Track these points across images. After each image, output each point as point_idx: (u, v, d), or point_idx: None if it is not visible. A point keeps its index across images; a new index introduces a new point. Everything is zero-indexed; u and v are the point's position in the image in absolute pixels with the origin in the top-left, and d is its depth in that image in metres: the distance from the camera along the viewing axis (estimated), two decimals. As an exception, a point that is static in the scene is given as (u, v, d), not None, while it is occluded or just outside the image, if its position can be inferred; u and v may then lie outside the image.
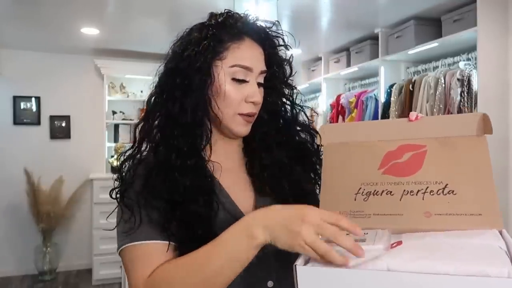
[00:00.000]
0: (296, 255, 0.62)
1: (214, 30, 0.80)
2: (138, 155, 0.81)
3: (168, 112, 0.78)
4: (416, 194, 0.68)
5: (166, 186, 0.74)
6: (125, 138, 4.35)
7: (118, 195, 0.80)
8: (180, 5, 2.72)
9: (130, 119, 4.35)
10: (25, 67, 4.05)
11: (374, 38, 3.33)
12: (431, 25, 2.88)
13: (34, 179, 3.96)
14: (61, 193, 4.04)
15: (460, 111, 2.44)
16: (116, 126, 4.34)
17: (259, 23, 0.86)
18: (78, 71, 4.22)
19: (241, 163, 0.89)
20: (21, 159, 4.01)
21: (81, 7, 2.78)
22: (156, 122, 0.80)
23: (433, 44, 2.72)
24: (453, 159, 0.69)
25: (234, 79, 0.79)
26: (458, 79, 2.47)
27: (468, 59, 2.54)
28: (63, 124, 4.19)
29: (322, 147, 0.82)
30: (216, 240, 0.66)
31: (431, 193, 0.67)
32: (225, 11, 0.86)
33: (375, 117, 3.30)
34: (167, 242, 0.72)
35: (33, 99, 4.09)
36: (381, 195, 0.71)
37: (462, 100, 2.44)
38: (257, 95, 0.80)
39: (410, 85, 2.87)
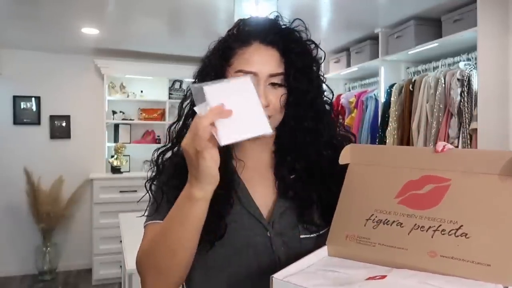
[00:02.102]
0: (302, 249, 0.76)
1: (226, 38, 0.86)
2: (170, 152, 0.89)
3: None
4: (426, 231, 0.64)
5: (185, 180, 0.80)
6: (125, 138, 4.35)
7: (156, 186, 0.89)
8: (180, 5, 2.72)
9: (130, 119, 4.35)
10: (25, 67, 4.05)
11: (374, 38, 3.33)
12: (431, 25, 2.88)
13: (34, 179, 3.97)
14: (61, 193, 4.05)
15: (460, 111, 2.44)
16: (116, 126, 4.34)
17: (280, 23, 0.87)
18: (78, 71, 4.22)
19: (269, 165, 0.90)
20: (21, 159, 4.01)
21: (81, 7, 2.78)
22: (187, 123, 0.87)
23: (433, 44, 2.72)
24: (476, 199, 0.63)
25: None
26: (458, 79, 2.47)
27: (468, 59, 2.54)
28: (63, 124, 4.19)
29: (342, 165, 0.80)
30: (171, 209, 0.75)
31: (442, 232, 0.63)
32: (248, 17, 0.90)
33: (375, 117, 3.30)
34: None
35: (33, 99, 4.09)
36: (391, 225, 0.68)
37: (462, 100, 2.44)
38: (260, 97, 0.81)
39: (410, 85, 2.87)
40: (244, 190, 0.85)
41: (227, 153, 0.84)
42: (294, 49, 0.84)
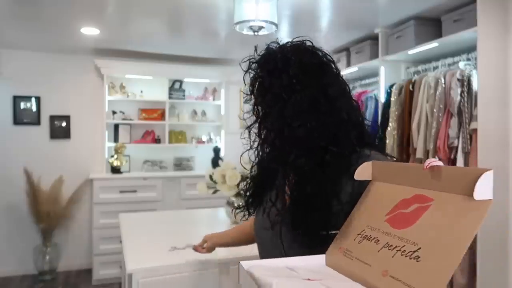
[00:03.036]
0: (301, 241, 0.89)
1: None
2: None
3: None
4: (392, 250, 0.66)
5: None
6: (125, 138, 4.35)
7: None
8: (180, 5, 2.73)
9: (130, 119, 4.35)
10: (25, 67, 4.05)
11: (374, 38, 3.33)
12: (431, 25, 2.88)
13: (34, 179, 3.96)
14: (61, 193, 4.04)
15: (460, 111, 2.45)
16: (116, 126, 4.34)
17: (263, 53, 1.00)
18: (78, 71, 4.22)
19: None
20: (21, 159, 4.01)
21: (81, 7, 2.78)
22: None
23: (433, 44, 2.72)
24: (444, 221, 0.63)
25: None
26: (458, 79, 2.47)
27: (468, 59, 2.54)
28: (63, 124, 4.19)
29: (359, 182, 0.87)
30: None
31: (402, 253, 0.64)
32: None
33: (375, 117, 3.30)
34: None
35: (33, 99, 4.09)
36: (370, 241, 0.71)
37: (462, 100, 2.44)
38: None
39: (410, 85, 2.87)
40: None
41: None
42: (255, 78, 1.00)
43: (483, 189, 0.60)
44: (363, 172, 0.83)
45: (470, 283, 2.40)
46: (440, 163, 0.69)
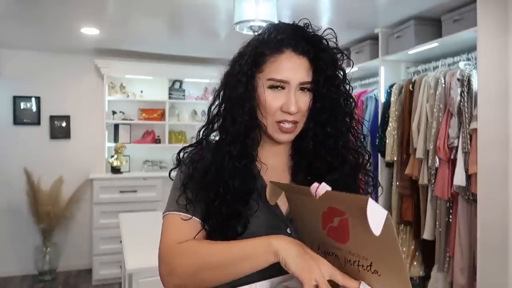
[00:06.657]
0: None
1: (256, 43, 0.87)
2: (200, 152, 0.90)
3: (222, 121, 0.89)
4: (354, 265, 0.68)
5: (218, 184, 0.84)
6: (125, 138, 4.35)
7: (183, 182, 0.88)
8: (180, 5, 2.73)
9: (130, 119, 4.35)
10: (25, 67, 4.05)
11: (374, 38, 3.33)
12: (431, 25, 2.88)
13: (34, 179, 3.97)
14: (61, 193, 4.05)
15: (460, 111, 2.44)
16: (116, 126, 4.34)
17: (310, 30, 0.88)
18: (78, 71, 4.22)
19: (287, 166, 0.95)
20: (21, 159, 4.01)
21: (81, 7, 2.78)
22: (215, 126, 0.91)
23: (433, 44, 2.72)
24: (369, 233, 0.61)
25: (271, 90, 0.85)
26: (458, 79, 2.47)
27: (468, 59, 2.54)
28: (63, 124, 4.19)
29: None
30: (243, 239, 0.77)
31: (363, 268, 0.67)
32: (277, 22, 0.91)
33: (375, 117, 3.30)
34: (200, 221, 0.86)
35: (33, 99, 4.09)
36: (332, 255, 0.72)
37: (462, 100, 2.44)
38: (292, 105, 0.84)
39: (410, 85, 2.87)
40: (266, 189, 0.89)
41: (250, 159, 0.87)
42: (323, 58, 0.87)
43: (375, 217, 0.59)
44: (274, 193, 0.80)
45: (470, 283, 2.40)
46: (327, 188, 0.68)
